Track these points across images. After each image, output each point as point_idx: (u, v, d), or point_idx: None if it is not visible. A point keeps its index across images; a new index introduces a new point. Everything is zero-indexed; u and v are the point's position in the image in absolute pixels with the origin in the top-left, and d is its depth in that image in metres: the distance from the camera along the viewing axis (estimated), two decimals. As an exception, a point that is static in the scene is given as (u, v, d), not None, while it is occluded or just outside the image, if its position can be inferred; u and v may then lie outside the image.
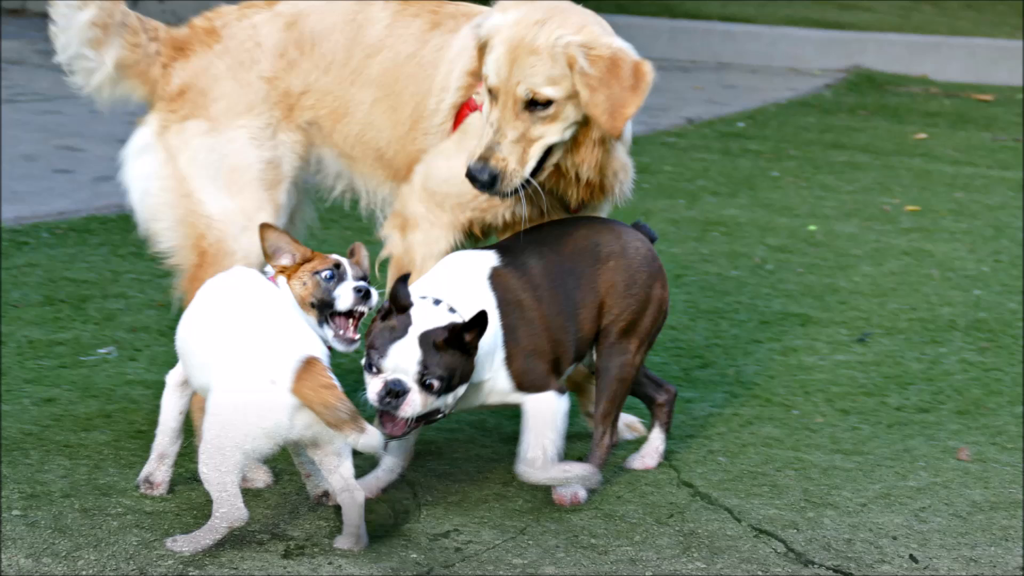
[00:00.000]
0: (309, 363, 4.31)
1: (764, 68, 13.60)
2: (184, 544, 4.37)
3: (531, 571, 4.38)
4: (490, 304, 4.73)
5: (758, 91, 12.49)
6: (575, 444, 5.17)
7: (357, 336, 4.67)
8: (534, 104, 4.70)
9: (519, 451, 4.77)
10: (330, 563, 4.36)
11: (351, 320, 4.65)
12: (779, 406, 5.69)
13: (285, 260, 4.68)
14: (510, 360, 4.73)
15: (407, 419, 4.56)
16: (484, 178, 4.70)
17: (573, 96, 4.70)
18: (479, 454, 5.20)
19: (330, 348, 4.55)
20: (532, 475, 4.75)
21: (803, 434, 5.44)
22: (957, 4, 15.81)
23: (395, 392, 4.53)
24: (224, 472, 4.31)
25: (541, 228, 4.97)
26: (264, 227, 4.69)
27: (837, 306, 6.88)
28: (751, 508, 4.83)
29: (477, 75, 4.92)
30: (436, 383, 4.53)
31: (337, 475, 4.41)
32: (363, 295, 4.63)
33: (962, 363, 6.20)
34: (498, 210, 4.98)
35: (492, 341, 4.70)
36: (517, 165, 4.71)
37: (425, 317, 4.57)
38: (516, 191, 4.75)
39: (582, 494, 4.84)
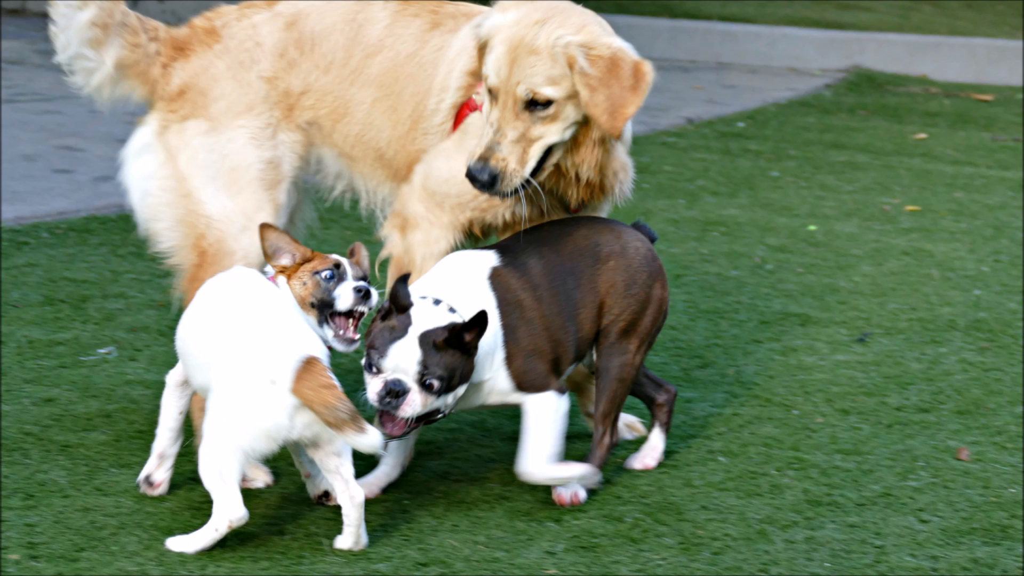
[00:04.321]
0: (309, 363, 4.31)
1: (764, 68, 13.59)
2: (184, 544, 4.37)
3: (531, 571, 4.38)
4: (490, 304, 4.73)
5: (758, 91, 12.48)
6: (575, 444, 5.17)
7: (357, 336, 4.67)
8: (534, 104, 4.70)
9: (519, 451, 4.77)
10: (330, 563, 4.36)
11: (351, 320, 4.65)
12: (779, 406, 5.69)
13: (285, 260, 4.68)
14: (510, 360, 4.73)
15: (407, 419, 4.57)
16: (484, 178, 4.70)
17: (573, 96, 4.70)
18: (479, 454, 5.20)
19: (330, 348, 4.55)
20: (532, 475, 4.76)
21: (803, 434, 5.43)
22: (957, 4, 15.81)
23: (395, 392, 4.53)
24: (224, 472, 4.31)
25: (541, 228, 4.97)
26: (264, 227, 4.69)
27: (837, 306, 6.88)
28: (751, 508, 4.83)
29: (477, 75, 4.92)
30: (436, 383, 4.53)
31: (337, 475, 4.41)
32: (363, 295, 4.63)
33: (962, 363, 6.20)
34: (498, 210, 4.98)
35: (492, 341, 4.70)
36: (517, 165, 4.71)
37: (425, 317, 4.57)
38: (516, 191, 4.75)
39: (582, 494, 4.83)
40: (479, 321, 4.53)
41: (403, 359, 4.52)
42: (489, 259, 4.84)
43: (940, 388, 5.92)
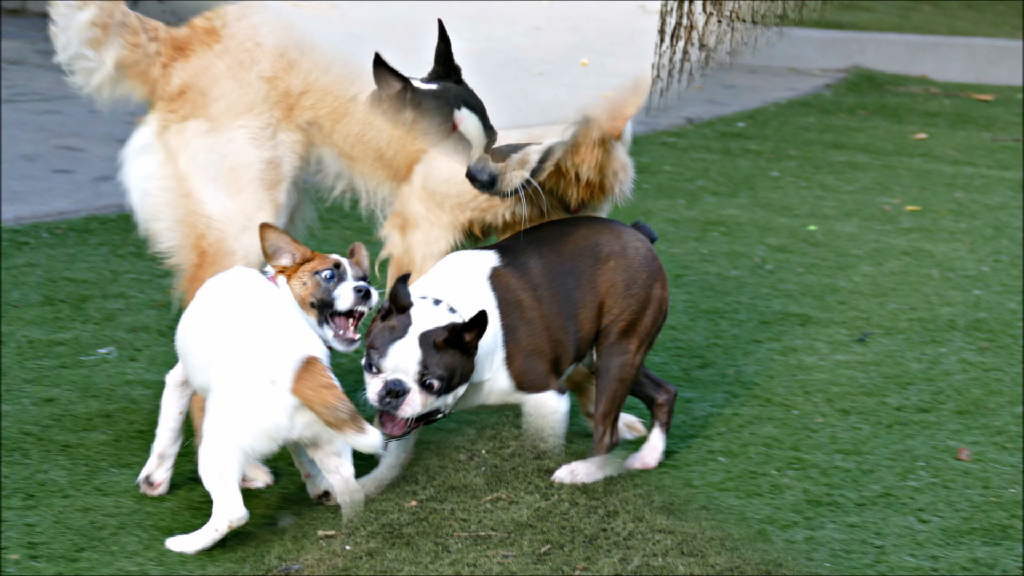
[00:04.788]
0: (309, 363, 4.31)
1: (764, 68, 13.59)
2: (184, 544, 4.37)
3: (532, 571, 4.38)
4: (490, 304, 4.73)
5: (758, 91, 12.48)
6: (575, 444, 5.17)
7: (357, 336, 4.67)
8: (534, 104, 4.70)
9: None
10: (329, 563, 4.36)
11: (351, 320, 4.65)
12: (779, 406, 5.69)
13: (285, 260, 4.68)
14: (510, 360, 4.73)
15: (407, 419, 4.56)
16: (484, 178, 4.70)
17: (573, 96, 4.70)
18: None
19: (330, 348, 4.55)
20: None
21: (803, 434, 5.43)
22: (957, 4, 15.81)
23: (395, 392, 4.53)
24: (224, 472, 4.31)
25: (541, 228, 4.97)
26: (264, 227, 4.69)
27: (837, 306, 6.88)
28: (751, 508, 4.83)
29: (477, 75, 4.92)
30: (436, 383, 4.53)
31: (337, 475, 4.41)
32: (363, 295, 4.63)
33: (962, 363, 6.20)
34: (498, 210, 4.98)
35: (492, 341, 4.70)
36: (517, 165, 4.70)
37: (425, 317, 4.57)
38: (516, 191, 4.75)
39: (582, 494, 4.83)
40: (479, 321, 4.53)
41: (403, 359, 4.52)
42: (489, 259, 4.84)
43: (940, 388, 5.92)
